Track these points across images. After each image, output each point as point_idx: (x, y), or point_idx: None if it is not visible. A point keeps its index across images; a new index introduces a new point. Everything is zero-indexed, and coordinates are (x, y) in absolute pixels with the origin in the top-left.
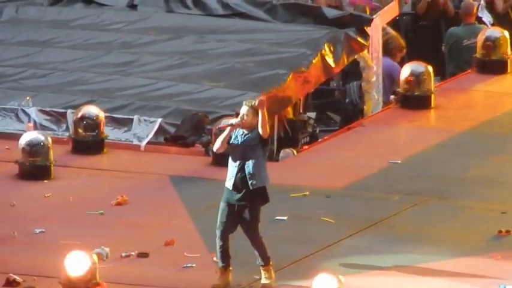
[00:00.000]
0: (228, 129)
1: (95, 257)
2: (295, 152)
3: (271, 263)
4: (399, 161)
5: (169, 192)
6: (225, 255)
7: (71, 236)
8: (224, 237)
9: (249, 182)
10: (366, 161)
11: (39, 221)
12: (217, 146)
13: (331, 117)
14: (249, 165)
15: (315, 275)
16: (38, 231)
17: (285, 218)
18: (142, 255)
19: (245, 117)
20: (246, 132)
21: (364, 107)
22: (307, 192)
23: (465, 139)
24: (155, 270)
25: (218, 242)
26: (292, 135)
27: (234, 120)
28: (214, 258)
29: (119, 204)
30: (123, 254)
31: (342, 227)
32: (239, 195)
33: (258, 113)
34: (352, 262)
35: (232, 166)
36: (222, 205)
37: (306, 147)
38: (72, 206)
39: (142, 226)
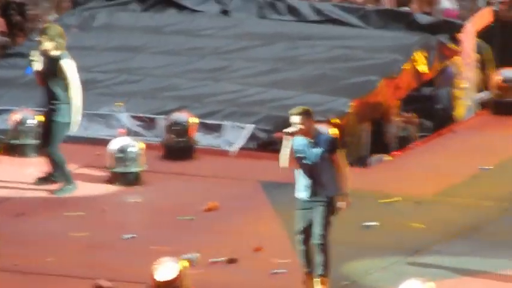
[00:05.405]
0: (288, 143)
1: (185, 262)
2: (386, 157)
3: (328, 277)
4: (491, 167)
5: (260, 198)
6: (308, 260)
7: (161, 242)
8: (305, 241)
9: (324, 193)
10: (457, 167)
11: (130, 227)
12: (285, 162)
13: (423, 123)
14: (323, 176)
15: (404, 280)
16: (128, 236)
17: (375, 223)
18: (232, 261)
19: (302, 127)
20: (311, 141)
21: (455, 113)
22: (399, 198)
23: None
24: (244, 276)
25: (299, 247)
26: (384, 141)
27: (290, 129)
28: None
29: (209, 210)
30: (212, 260)
31: (433, 233)
32: (312, 203)
33: (310, 116)
34: (443, 269)
35: (305, 178)
36: (298, 213)
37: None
38: (162, 212)
39: (233, 232)
